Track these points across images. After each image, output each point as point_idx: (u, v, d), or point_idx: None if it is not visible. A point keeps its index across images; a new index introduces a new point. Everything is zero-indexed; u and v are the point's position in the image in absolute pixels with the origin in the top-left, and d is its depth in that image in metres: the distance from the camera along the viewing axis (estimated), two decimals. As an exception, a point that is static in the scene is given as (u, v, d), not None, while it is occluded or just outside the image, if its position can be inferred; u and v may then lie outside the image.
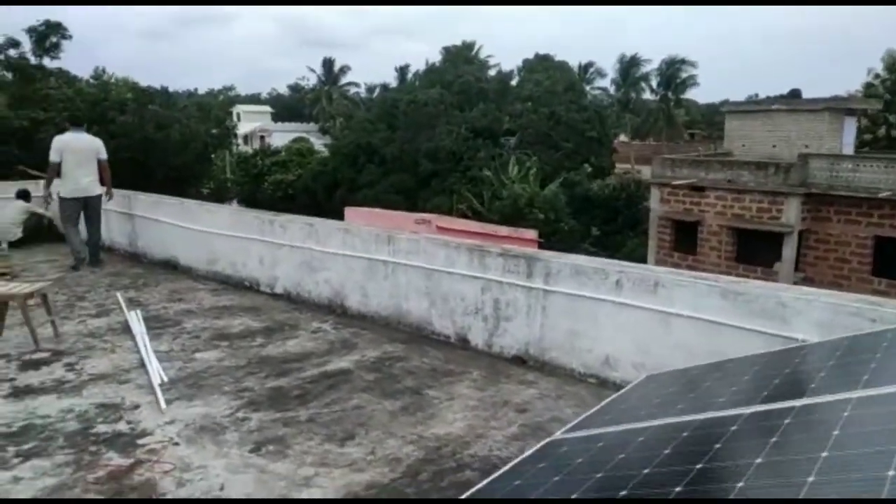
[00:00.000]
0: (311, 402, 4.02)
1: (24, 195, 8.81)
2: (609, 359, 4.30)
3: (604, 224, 28.41)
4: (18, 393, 4.09)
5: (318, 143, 47.63)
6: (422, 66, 45.49)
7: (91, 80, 26.70)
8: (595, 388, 4.28)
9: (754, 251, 18.86)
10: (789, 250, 18.25)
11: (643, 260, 22.85)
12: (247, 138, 54.25)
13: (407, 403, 4.03)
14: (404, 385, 4.33)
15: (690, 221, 20.23)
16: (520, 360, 4.76)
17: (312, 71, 67.15)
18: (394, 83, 58.21)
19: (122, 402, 3.98)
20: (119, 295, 6.32)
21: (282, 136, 53.63)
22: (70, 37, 21.89)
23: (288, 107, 73.99)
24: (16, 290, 4.81)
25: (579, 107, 39.29)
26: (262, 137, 59.13)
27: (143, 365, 4.58)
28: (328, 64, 66.13)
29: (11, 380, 4.30)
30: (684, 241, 20.61)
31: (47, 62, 22.63)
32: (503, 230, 17.33)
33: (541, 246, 18.42)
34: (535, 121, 35.35)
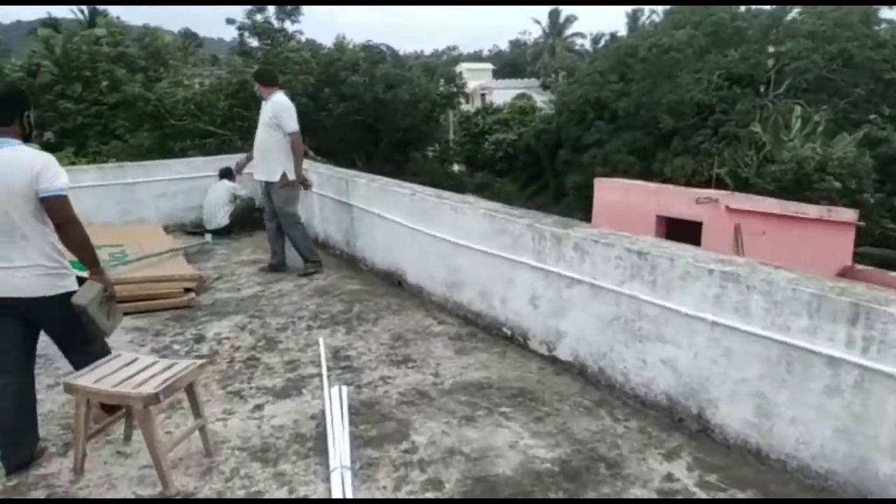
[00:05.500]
0: None
1: (227, 174, 7.29)
2: None
3: (922, 195, 21.33)
4: None
5: (540, 100, 44.80)
6: (650, 11, 39.53)
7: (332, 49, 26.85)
8: None
9: None
10: None
11: None
12: (468, 97, 53.44)
13: None
14: None
15: None
16: None
17: (537, 23, 63.80)
18: (622, 31, 52.32)
19: None
20: (321, 343, 4.12)
21: (502, 94, 52.02)
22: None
23: (509, 63, 71.61)
24: (130, 388, 2.59)
25: (875, 42, 30.69)
26: (482, 95, 58.29)
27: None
28: (554, 14, 62.14)
29: None
30: None
31: (288, 26, 22.70)
32: (812, 211, 12.84)
33: (858, 231, 13.46)
34: (815, 63, 28.07)
